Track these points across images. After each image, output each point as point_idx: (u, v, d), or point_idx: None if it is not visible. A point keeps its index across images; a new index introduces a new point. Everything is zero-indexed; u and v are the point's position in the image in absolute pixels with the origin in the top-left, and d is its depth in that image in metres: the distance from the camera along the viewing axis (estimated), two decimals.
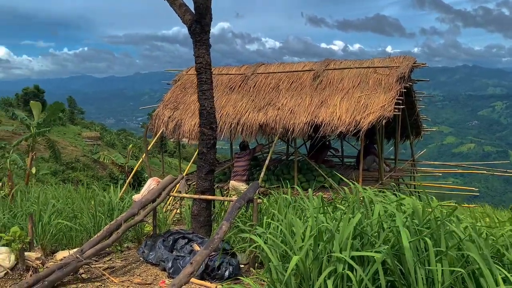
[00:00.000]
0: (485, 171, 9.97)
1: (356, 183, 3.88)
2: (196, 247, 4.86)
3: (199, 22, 5.23)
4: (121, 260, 5.33)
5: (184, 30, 5.19)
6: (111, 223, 4.80)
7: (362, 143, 8.42)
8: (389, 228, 2.77)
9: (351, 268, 2.60)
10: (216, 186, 9.78)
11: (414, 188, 10.48)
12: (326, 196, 8.25)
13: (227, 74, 10.42)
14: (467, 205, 8.55)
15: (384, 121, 7.70)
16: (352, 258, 2.63)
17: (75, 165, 33.92)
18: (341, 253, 2.66)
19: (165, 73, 11.85)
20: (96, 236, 4.64)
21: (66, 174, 30.24)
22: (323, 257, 2.78)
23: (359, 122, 7.73)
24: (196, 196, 5.38)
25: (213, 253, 4.55)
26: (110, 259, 5.39)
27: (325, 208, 3.73)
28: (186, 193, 9.37)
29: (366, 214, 2.99)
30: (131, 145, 17.80)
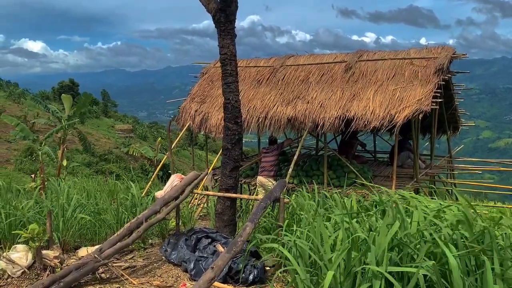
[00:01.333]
0: None
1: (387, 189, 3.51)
2: (220, 248, 4.63)
3: (223, 11, 4.96)
4: (143, 259, 5.17)
5: (213, 24, 4.94)
6: (132, 221, 4.63)
7: (397, 138, 7.97)
8: (432, 238, 2.42)
9: (388, 285, 2.29)
10: (243, 181, 9.57)
11: (451, 186, 9.91)
12: (359, 194, 7.88)
13: (255, 66, 10.12)
14: (507, 206, 7.97)
15: (420, 116, 7.23)
16: (390, 273, 2.31)
17: (108, 157, 34.59)
18: (377, 266, 2.34)
19: (195, 67, 11.68)
20: (116, 234, 4.49)
21: (99, 166, 30.93)
22: (356, 271, 2.47)
23: (394, 117, 7.29)
24: (220, 194, 5.15)
25: (237, 255, 4.31)
26: (132, 257, 5.24)
27: (358, 213, 3.39)
28: (213, 188, 9.21)
29: (402, 222, 2.64)
30: (159, 138, 17.81)
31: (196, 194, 8.69)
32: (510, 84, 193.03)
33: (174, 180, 5.49)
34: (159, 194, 5.58)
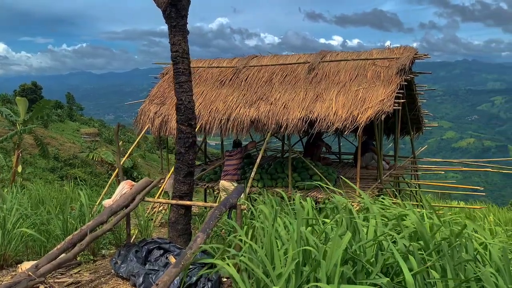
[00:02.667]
0: (490, 169, 9.43)
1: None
2: (172, 259, 4.32)
3: (174, 6, 4.66)
4: (90, 273, 4.79)
5: None
6: (75, 233, 4.25)
7: (360, 139, 7.86)
8: (389, 250, 2.22)
9: None
10: (206, 186, 9.26)
11: (415, 187, 9.94)
12: (320, 197, 7.71)
13: (218, 67, 9.84)
14: (473, 206, 8.01)
15: (383, 116, 7.14)
16: None
17: (73, 161, 33.39)
18: (328, 283, 2.11)
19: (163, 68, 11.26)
20: (55, 248, 4.10)
21: (64, 171, 29.81)
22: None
23: (357, 118, 7.17)
24: (174, 202, 4.83)
25: (191, 267, 4.01)
26: (79, 271, 4.85)
27: (314, 219, 3.16)
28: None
29: (357, 232, 2.43)
30: (121, 142, 17.18)
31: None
32: (471, 86, 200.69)
33: (124, 187, 5.14)
34: (107, 203, 5.20)
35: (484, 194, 8.48)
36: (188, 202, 4.73)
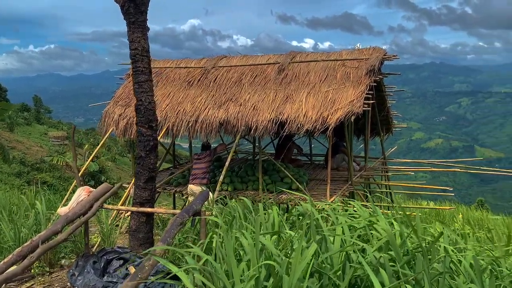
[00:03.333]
0: (458, 169, 9.55)
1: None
2: (133, 270, 4.05)
3: (133, 1, 4.40)
4: (44, 287, 4.46)
5: (154, 26, 4.48)
6: (25, 244, 3.93)
7: (330, 141, 7.78)
8: (358, 261, 2.06)
9: None
10: (174, 190, 8.97)
11: (386, 188, 9.96)
12: (291, 199, 7.57)
13: (186, 67, 9.59)
14: (443, 207, 8.05)
15: (353, 118, 7.07)
16: None
17: (40, 165, 32.17)
18: None
19: None
20: (2, 262, 3.78)
21: (31, 176, 28.67)
22: None
23: (327, 119, 7.07)
24: (134, 209, 4.56)
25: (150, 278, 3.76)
26: (32, 285, 4.51)
27: (275, 233, 2.97)
28: None
29: (325, 242, 2.27)
30: (86, 146, 16.58)
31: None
32: (439, 88, 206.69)
33: (81, 194, 4.83)
34: (62, 211, 4.88)
35: (452, 194, 8.54)
36: (149, 209, 4.47)
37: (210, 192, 7.90)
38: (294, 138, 10.48)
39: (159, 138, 8.30)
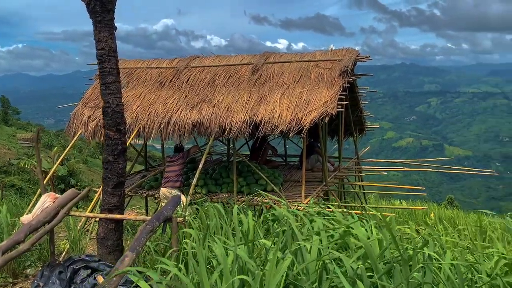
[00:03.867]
0: (430, 169, 9.70)
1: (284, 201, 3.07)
2: (101, 280, 3.87)
3: None
4: None
5: (126, 26, 4.29)
6: None
7: (305, 142, 7.74)
8: (334, 273, 1.98)
9: None
10: (146, 193, 8.75)
11: (359, 188, 10.02)
12: (266, 201, 7.48)
13: (157, 67, 9.37)
14: (416, 207, 8.15)
15: (327, 119, 7.05)
16: None
17: (8, 168, 30.95)
18: None
19: None
20: None
21: None
22: None
23: (301, 120, 7.03)
24: (102, 216, 4.37)
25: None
26: None
27: (255, 232, 2.88)
28: None
29: (300, 251, 2.18)
30: (55, 148, 16.04)
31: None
32: (409, 88, 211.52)
33: (46, 200, 4.59)
34: (26, 218, 4.63)
35: (425, 194, 8.66)
36: (118, 216, 4.29)
37: (183, 196, 7.75)
38: (268, 139, 10.42)
39: (129, 140, 8.09)
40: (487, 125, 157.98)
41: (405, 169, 9.77)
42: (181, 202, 5.14)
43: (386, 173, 9.58)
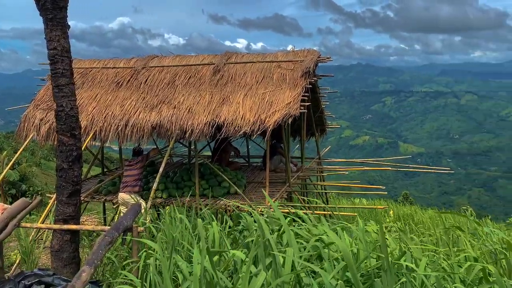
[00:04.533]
0: (389, 168, 9.93)
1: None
2: None
3: None
4: None
5: (80, 24, 3.99)
6: None
7: (268, 144, 7.67)
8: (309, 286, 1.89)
9: None
10: (104, 199, 8.38)
11: (321, 188, 10.09)
12: (230, 204, 7.35)
13: (114, 67, 9.01)
14: (378, 206, 8.28)
15: (290, 120, 7.01)
16: None
17: None
18: None
19: None
20: None
21: None
22: None
23: (264, 121, 6.95)
24: (57, 227, 4.08)
25: None
26: None
27: (222, 241, 2.74)
28: None
29: (273, 265, 2.07)
30: (5, 152, 15.17)
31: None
32: (365, 88, 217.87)
33: None
34: None
35: (385, 193, 8.84)
36: (74, 226, 4.01)
37: (143, 201, 7.48)
38: (231, 140, 10.29)
39: (85, 144, 7.72)
40: (438, 123, 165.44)
41: (365, 168, 9.94)
42: (141, 210, 4.91)
43: (347, 172, 9.70)
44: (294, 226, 3.33)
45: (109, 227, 3.71)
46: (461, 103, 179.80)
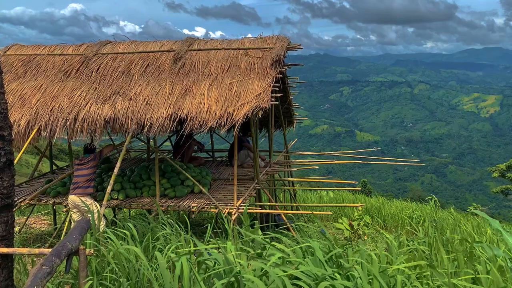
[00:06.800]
0: (360, 161, 9.60)
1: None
2: None
3: None
4: None
5: (29, 11, 3.17)
6: None
7: (236, 139, 7.03)
8: None
9: None
10: (52, 202, 7.46)
11: (290, 184, 9.62)
12: (194, 205, 6.70)
13: (61, 54, 8.06)
14: (354, 205, 7.88)
15: (260, 113, 6.41)
16: None
17: None
18: None
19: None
20: None
21: None
22: None
23: (233, 115, 6.30)
24: None
25: None
26: None
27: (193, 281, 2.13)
28: None
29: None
30: None
31: None
32: (323, 77, 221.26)
33: None
34: None
35: (359, 189, 8.48)
36: (5, 250, 3.23)
37: (95, 205, 6.67)
38: (193, 134, 9.58)
39: (28, 141, 6.79)
40: (393, 112, 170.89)
41: (336, 161, 9.56)
42: (89, 225, 4.16)
43: (317, 167, 9.28)
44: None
45: (49, 251, 2.98)
46: (415, 92, 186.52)
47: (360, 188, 8.51)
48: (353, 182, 8.16)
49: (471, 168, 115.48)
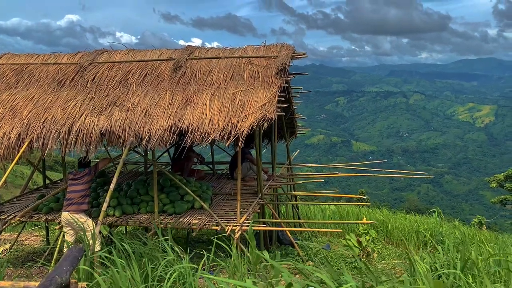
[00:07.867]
0: (367, 173, 9.25)
1: None
2: None
3: None
4: None
5: (26, 21, 2.86)
6: None
7: (239, 152, 6.64)
8: None
9: None
10: (45, 219, 7.03)
11: (294, 197, 9.23)
12: (195, 222, 6.29)
13: (56, 63, 7.69)
14: (364, 221, 7.49)
15: (266, 124, 6.04)
16: None
17: None
18: None
19: None
20: None
21: None
22: None
23: (237, 126, 5.93)
24: None
25: None
26: None
27: None
28: None
29: None
30: None
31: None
32: (319, 88, 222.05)
33: None
34: None
35: (369, 204, 8.12)
36: None
37: (91, 222, 6.25)
38: (193, 145, 9.19)
39: (19, 155, 6.39)
40: (389, 122, 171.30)
41: (342, 174, 9.20)
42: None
43: (323, 180, 8.90)
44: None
45: (35, 285, 2.57)
46: (410, 102, 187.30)
47: (370, 203, 8.15)
48: (363, 196, 7.80)
49: (467, 178, 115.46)
